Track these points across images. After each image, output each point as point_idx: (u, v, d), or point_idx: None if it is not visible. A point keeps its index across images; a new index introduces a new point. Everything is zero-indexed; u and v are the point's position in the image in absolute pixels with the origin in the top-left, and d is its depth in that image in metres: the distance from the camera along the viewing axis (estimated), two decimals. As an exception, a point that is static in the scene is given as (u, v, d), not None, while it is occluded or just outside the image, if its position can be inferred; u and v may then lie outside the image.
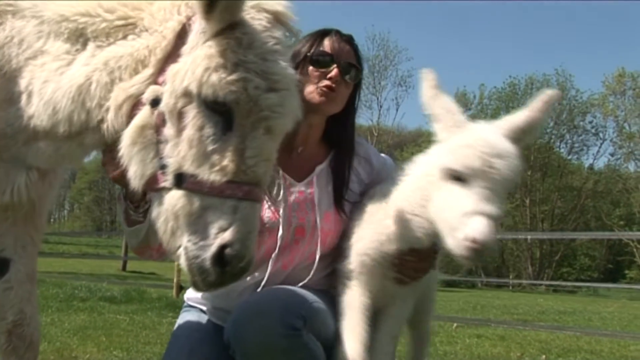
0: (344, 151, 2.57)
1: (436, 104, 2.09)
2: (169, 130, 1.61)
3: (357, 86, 2.60)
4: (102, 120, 1.74)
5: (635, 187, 43.45)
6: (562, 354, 7.09)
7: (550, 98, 2.03)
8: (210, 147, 1.57)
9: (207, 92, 1.53)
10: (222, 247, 1.55)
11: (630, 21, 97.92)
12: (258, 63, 1.56)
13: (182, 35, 1.67)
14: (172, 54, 1.66)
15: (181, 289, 10.75)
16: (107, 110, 1.72)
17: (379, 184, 2.52)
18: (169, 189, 1.61)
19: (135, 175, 1.68)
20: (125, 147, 1.67)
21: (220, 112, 1.56)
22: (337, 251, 2.49)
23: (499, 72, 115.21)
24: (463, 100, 47.23)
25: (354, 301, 2.28)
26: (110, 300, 9.95)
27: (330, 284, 2.47)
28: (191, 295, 2.67)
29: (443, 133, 2.05)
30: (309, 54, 2.47)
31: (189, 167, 1.58)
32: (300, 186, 2.46)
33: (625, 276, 47.46)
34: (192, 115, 1.58)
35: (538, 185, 46.95)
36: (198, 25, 1.64)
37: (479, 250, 1.82)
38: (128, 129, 1.66)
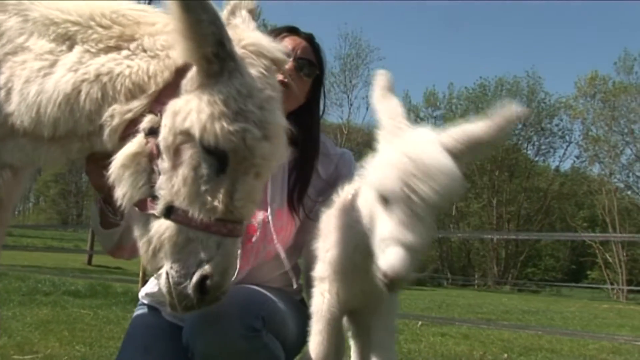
0: (307, 153, 2.52)
1: (381, 107, 2.02)
2: (163, 164, 1.65)
3: (317, 84, 2.58)
4: (91, 133, 1.75)
5: (599, 189, 44.28)
6: (524, 352, 7.22)
7: (516, 116, 1.83)
8: (203, 187, 1.63)
9: (208, 139, 1.58)
10: (204, 278, 1.64)
11: (603, 26, 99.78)
12: (256, 113, 1.62)
13: (183, 68, 1.69)
14: (172, 86, 1.69)
15: (146, 283, 10.64)
16: (98, 125, 1.72)
17: (341, 180, 2.39)
18: (157, 217, 1.67)
19: (124, 196, 1.70)
20: (117, 168, 1.70)
21: (217, 156, 1.61)
22: (294, 250, 2.51)
23: (470, 72, 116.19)
24: (432, 100, 47.63)
25: (324, 310, 2.21)
26: (75, 294, 9.83)
27: (287, 282, 2.47)
28: (146, 292, 2.63)
29: (382, 141, 1.93)
30: None
31: (180, 203, 1.64)
32: None
33: (588, 277, 48.46)
34: (189, 154, 1.63)
35: (505, 186, 47.62)
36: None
37: (392, 283, 1.72)
38: (122, 153, 1.69)
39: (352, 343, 2.62)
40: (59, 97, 1.71)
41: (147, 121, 1.67)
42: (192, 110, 1.60)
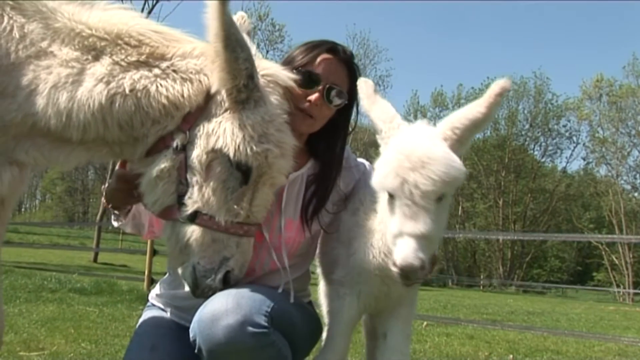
0: (329, 169, 2.48)
1: (374, 114, 2.08)
2: (194, 177, 1.94)
3: (348, 107, 2.50)
4: (122, 142, 1.97)
5: (605, 191, 44.12)
6: (529, 353, 7.19)
7: (502, 89, 1.85)
8: (229, 197, 1.94)
9: (240, 158, 1.89)
10: (227, 272, 2.00)
11: (610, 26, 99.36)
12: (276, 135, 1.95)
13: (213, 93, 1.95)
14: (201, 108, 1.95)
15: (152, 281, 10.68)
16: (129, 136, 1.95)
17: (363, 191, 2.40)
18: (182, 222, 1.98)
19: (155, 202, 2.02)
20: (151, 179, 1.98)
21: (242, 171, 1.93)
22: (304, 258, 2.53)
23: (478, 73, 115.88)
24: (440, 100, 47.54)
25: (343, 312, 2.26)
26: (80, 291, 9.84)
27: (297, 287, 2.47)
28: (156, 294, 2.67)
29: (382, 144, 2.02)
30: (300, 67, 2.36)
31: (209, 209, 1.94)
32: None
33: (593, 278, 48.34)
34: (218, 169, 1.93)
35: (511, 187, 47.50)
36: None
37: (405, 273, 1.79)
38: (157, 167, 1.96)
39: (365, 343, 2.65)
40: (93, 106, 1.87)
41: (179, 139, 1.93)
42: (225, 133, 1.89)
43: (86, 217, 66.33)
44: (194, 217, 1.95)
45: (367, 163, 2.66)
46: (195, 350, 2.12)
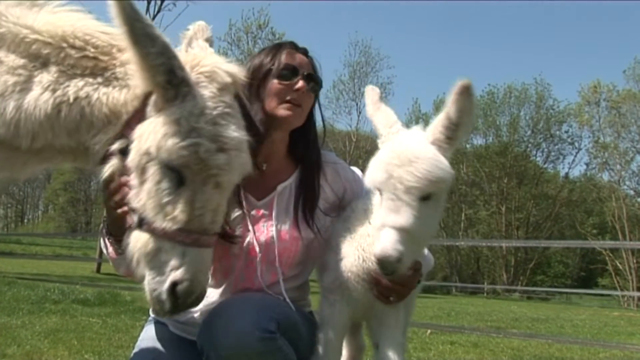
0: (309, 168, 2.57)
1: (377, 119, 2.19)
2: (133, 180, 1.84)
3: (316, 97, 2.61)
4: (73, 149, 1.92)
5: (608, 196, 44.04)
6: (534, 361, 7.17)
7: (461, 87, 1.96)
8: (165, 199, 1.79)
9: (163, 155, 1.75)
10: (174, 284, 1.80)
11: (610, 32, 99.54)
12: (208, 128, 1.78)
13: (148, 95, 1.84)
14: (140, 112, 1.85)
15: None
16: (79, 143, 1.90)
17: (355, 198, 2.52)
18: (134, 229, 1.86)
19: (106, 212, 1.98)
20: (102, 188, 1.96)
21: (175, 170, 1.77)
22: (304, 267, 2.53)
23: (479, 80, 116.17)
24: (442, 107, 47.39)
25: (334, 319, 2.28)
26: (83, 302, 9.84)
27: (298, 297, 2.48)
28: None
29: (381, 147, 2.11)
30: (272, 67, 2.47)
31: (147, 214, 1.81)
32: (260, 205, 2.47)
33: (598, 284, 48.17)
34: (152, 170, 1.80)
35: (514, 193, 47.44)
36: None
37: (383, 264, 1.88)
38: (103, 175, 1.90)
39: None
40: (40, 116, 1.83)
41: (118, 144, 1.85)
42: (150, 132, 1.78)
43: (89, 228, 66.37)
44: (140, 223, 1.83)
45: (359, 172, 2.74)
46: (203, 357, 2.12)
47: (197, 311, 2.40)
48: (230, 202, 2.22)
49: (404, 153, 1.93)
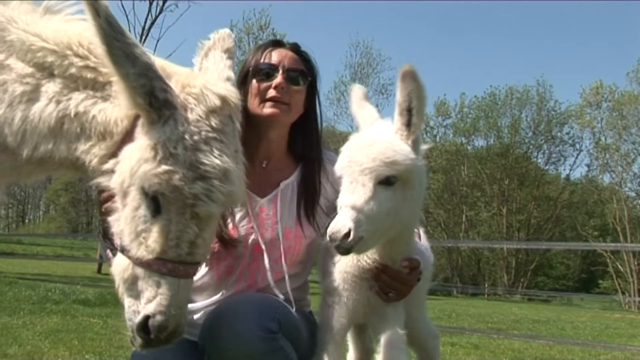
0: (311, 165, 2.56)
1: (360, 116, 2.30)
2: (116, 203, 1.78)
3: (312, 90, 2.59)
4: (72, 161, 1.86)
5: (609, 198, 43.97)
6: (535, 363, 7.17)
7: (402, 73, 2.02)
8: (140, 227, 1.70)
9: (135, 182, 1.67)
10: (147, 317, 1.69)
11: (611, 33, 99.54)
12: (185, 155, 1.65)
13: (137, 116, 1.75)
14: (130, 133, 1.76)
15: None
16: (77, 156, 1.83)
17: None
18: (119, 251, 1.78)
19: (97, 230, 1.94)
20: (95, 197, 1.94)
21: (151, 197, 1.67)
22: (304, 266, 2.54)
23: (480, 82, 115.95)
24: (443, 109, 47.51)
25: (333, 321, 2.28)
26: (84, 303, 9.85)
27: (298, 297, 2.48)
28: None
29: None
30: (250, 68, 2.48)
31: (124, 241, 1.74)
32: (263, 202, 2.46)
33: (599, 286, 48.12)
34: (132, 196, 1.71)
35: (515, 195, 47.36)
36: None
37: (333, 242, 1.93)
38: (94, 193, 1.89)
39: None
40: (44, 128, 1.81)
41: (110, 164, 1.77)
42: (129, 155, 1.70)
43: (90, 228, 66.29)
44: (122, 249, 1.76)
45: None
46: (205, 357, 2.13)
47: (198, 311, 2.40)
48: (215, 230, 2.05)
49: (363, 139, 2.07)
